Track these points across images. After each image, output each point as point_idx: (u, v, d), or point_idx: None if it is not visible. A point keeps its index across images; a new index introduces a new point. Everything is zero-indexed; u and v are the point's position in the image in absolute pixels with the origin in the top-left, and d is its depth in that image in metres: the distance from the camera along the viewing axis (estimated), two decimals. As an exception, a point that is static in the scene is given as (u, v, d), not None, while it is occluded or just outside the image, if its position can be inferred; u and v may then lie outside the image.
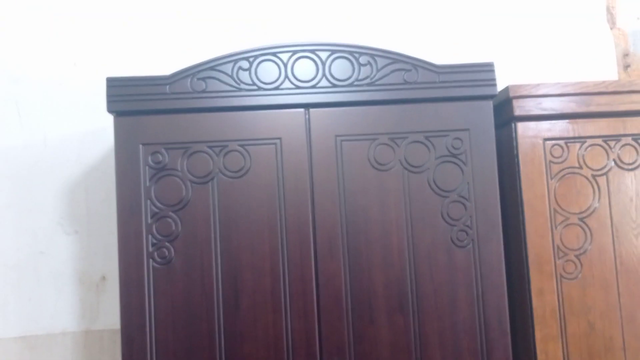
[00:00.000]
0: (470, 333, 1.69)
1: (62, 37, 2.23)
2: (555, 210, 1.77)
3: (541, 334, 1.72)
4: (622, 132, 1.80)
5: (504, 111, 1.82)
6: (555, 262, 1.75)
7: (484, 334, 1.69)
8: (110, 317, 2.13)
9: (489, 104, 1.75)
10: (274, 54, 1.74)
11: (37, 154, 2.18)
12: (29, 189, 2.16)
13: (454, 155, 1.74)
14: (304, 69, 1.73)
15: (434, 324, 1.69)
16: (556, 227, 1.77)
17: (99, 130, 2.17)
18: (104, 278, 2.15)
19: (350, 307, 1.68)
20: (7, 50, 2.21)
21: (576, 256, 1.76)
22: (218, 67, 1.72)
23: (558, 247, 1.76)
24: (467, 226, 1.71)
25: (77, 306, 2.14)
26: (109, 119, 1.71)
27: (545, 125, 1.79)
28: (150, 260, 1.66)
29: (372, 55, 1.74)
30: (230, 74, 1.72)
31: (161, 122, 1.70)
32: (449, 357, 1.68)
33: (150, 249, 1.67)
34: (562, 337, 1.72)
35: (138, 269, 1.66)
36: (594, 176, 1.79)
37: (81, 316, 2.14)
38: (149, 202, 1.68)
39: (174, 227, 1.68)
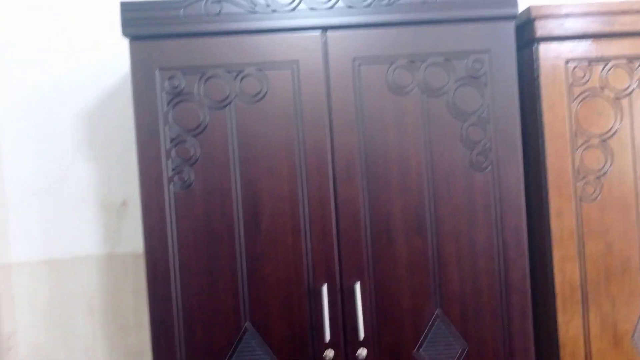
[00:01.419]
0: (488, 254, 1.71)
1: (74, -39, 2.19)
2: (575, 133, 1.76)
3: (559, 254, 1.73)
4: (646, 52, 1.76)
5: (526, 32, 1.78)
6: (574, 184, 1.75)
7: (502, 255, 1.71)
8: (133, 241, 2.17)
9: (510, 25, 1.71)
10: (289, -26, 1.70)
11: (54, 81, 2.18)
12: (47, 116, 2.18)
13: (474, 78, 1.71)
14: (321, -11, 1.70)
15: (452, 246, 1.71)
16: (576, 150, 1.76)
17: (115, 56, 2.16)
18: (124, 203, 2.18)
19: (368, 228, 1.70)
20: (18, -25, 2.18)
21: (596, 178, 1.76)
22: (233, -11, 1.69)
23: (578, 170, 1.75)
24: (487, 149, 1.70)
25: (99, 231, 2.18)
26: (125, 45, 1.69)
27: (567, 46, 1.75)
28: (171, 184, 1.68)
29: (390, -26, 1.70)
30: (245, -5, 1.69)
31: (176, 46, 1.69)
32: (467, 278, 1.71)
33: (170, 173, 1.68)
34: (579, 258, 1.74)
35: (159, 193, 1.68)
36: (616, 98, 1.76)
37: (104, 240, 2.19)
38: (167, 127, 1.69)
39: (192, 152, 1.69)
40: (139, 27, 1.68)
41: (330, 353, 1.69)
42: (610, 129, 1.76)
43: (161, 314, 1.69)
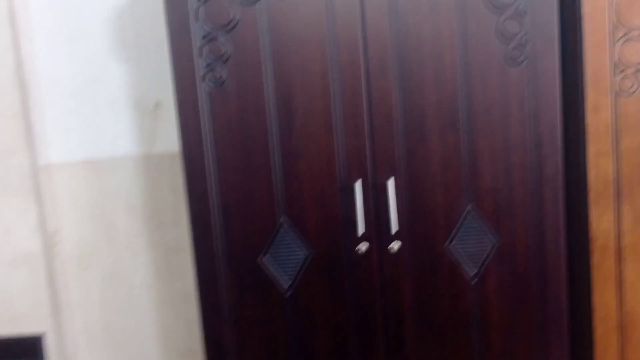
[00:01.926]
0: (521, 150, 1.70)
1: None
2: (615, 24, 1.70)
3: (594, 149, 1.72)
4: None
5: None
6: (612, 78, 1.71)
7: (536, 150, 1.70)
8: (168, 141, 2.20)
9: None
10: None
11: (82, -20, 2.16)
12: (79, 17, 2.17)
13: (512, -33, 1.65)
14: None
15: (485, 141, 1.70)
16: (616, 42, 1.70)
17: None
18: (159, 104, 2.20)
19: (401, 125, 1.70)
20: None
21: (635, 72, 1.71)
22: None
23: (616, 63, 1.71)
24: (523, 43, 1.66)
25: (135, 131, 2.22)
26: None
27: None
28: (204, 82, 1.69)
29: None
30: None
31: (205, -61, 1.65)
32: (500, 174, 1.72)
33: (203, 71, 1.68)
34: (614, 153, 1.72)
35: (192, 91, 1.68)
36: (661, -14, 1.69)
37: (140, 141, 2.22)
38: (198, 24, 1.67)
39: (224, 49, 1.68)
40: None
41: (363, 246, 1.74)
42: (653, 19, 1.70)
43: (199, 210, 1.74)
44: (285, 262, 1.76)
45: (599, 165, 1.73)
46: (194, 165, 1.72)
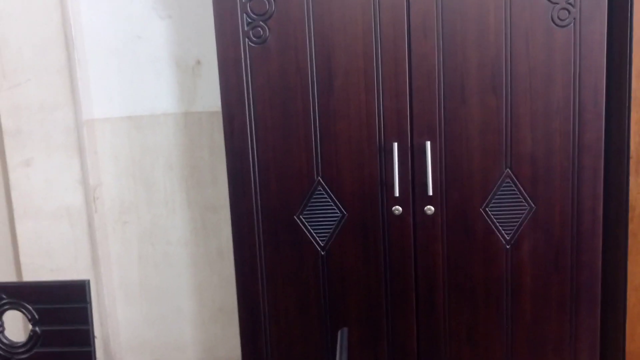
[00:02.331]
0: (563, 114, 1.68)
1: None
2: (666, -10, 1.66)
3: (637, 116, 1.69)
4: None
5: None
6: (660, 45, 1.67)
7: (578, 115, 1.68)
8: (208, 100, 2.23)
9: None
10: None
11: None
12: (121, -26, 2.19)
13: None
14: None
15: (526, 106, 1.69)
16: (665, 8, 1.67)
17: None
18: (199, 62, 2.22)
19: (442, 87, 1.69)
20: None
21: (684, 38, 1.68)
22: None
23: (665, 29, 1.67)
24: (570, 4, 1.64)
25: (175, 89, 2.24)
26: None
27: None
28: (246, 39, 1.70)
29: None
30: None
31: None
32: (540, 138, 1.70)
33: (246, 28, 1.69)
34: (658, 120, 1.70)
35: (234, 48, 1.70)
36: None
37: (180, 99, 2.25)
38: (241, -19, 1.68)
39: (267, 6, 1.68)
40: None
41: (398, 209, 1.75)
42: None
43: (238, 168, 1.76)
44: (321, 221, 1.78)
45: (642, 132, 1.71)
46: (233, 123, 1.74)
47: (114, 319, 2.41)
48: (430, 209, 1.75)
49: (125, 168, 2.31)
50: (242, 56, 1.70)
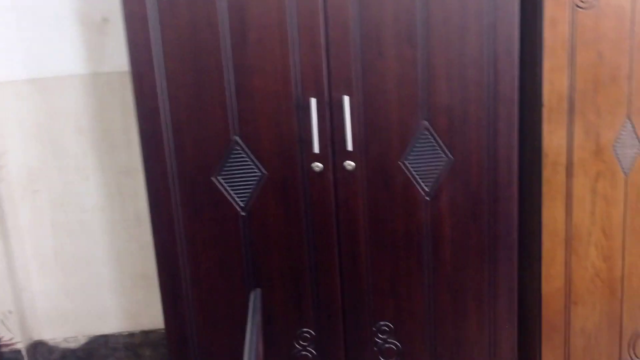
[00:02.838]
0: (478, 65, 1.69)
1: None
2: (574, -62, 1.67)
3: (549, 64, 1.72)
4: None
5: None
6: (570, -8, 1.70)
7: (493, 65, 1.69)
8: (117, 59, 2.12)
9: None
10: None
11: None
12: None
13: None
14: None
15: (442, 56, 1.68)
16: (574, -44, 1.68)
17: None
18: (106, 20, 2.10)
19: (358, 40, 1.66)
20: None
21: (593, -16, 1.70)
22: None
23: (574, -23, 1.69)
24: (482, -47, 1.63)
25: (81, 49, 2.12)
26: None
27: None
28: (152, -7, 1.61)
29: None
30: None
31: None
32: (456, 89, 1.71)
33: (151, -19, 1.60)
34: (569, 68, 1.73)
35: (140, 3, 1.60)
36: None
37: (87, 59, 2.13)
38: None
39: (173, -42, 1.60)
40: None
41: (318, 165, 1.73)
42: None
43: (150, 129, 1.69)
44: (239, 181, 1.73)
45: (554, 80, 1.73)
46: (143, 83, 1.66)
47: (29, 292, 2.31)
48: (350, 164, 1.73)
49: (31, 134, 2.19)
50: (149, 10, 1.61)
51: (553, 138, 1.77)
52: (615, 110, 1.76)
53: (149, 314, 2.35)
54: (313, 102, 1.67)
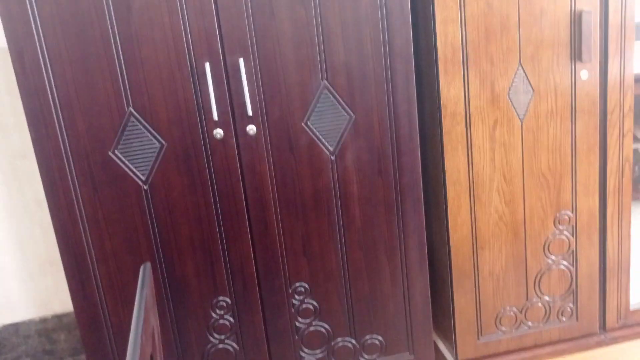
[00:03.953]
0: (372, 22, 1.68)
1: None
2: None
3: (441, 17, 1.73)
4: None
5: None
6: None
7: (386, 21, 1.69)
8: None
9: None
10: None
11: None
12: None
13: None
14: None
15: (336, 16, 1.66)
16: None
17: None
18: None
19: (249, 2, 1.62)
20: None
21: None
22: None
23: None
24: None
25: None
26: None
27: None
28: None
29: None
30: None
31: None
32: (352, 47, 1.70)
33: (20, -51, 1.50)
34: (461, 19, 1.74)
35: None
36: None
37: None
38: None
39: None
40: None
41: (220, 132, 1.69)
42: None
43: (37, 108, 1.60)
44: (138, 154, 1.68)
45: (447, 32, 1.75)
46: (24, 60, 1.56)
47: None
48: (252, 128, 1.71)
49: None
50: (22, -18, 1.51)
51: (450, 89, 1.80)
52: (507, 58, 1.80)
53: (60, 299, 2.28)
54: (207, 67, 1.63)
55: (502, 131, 1.87)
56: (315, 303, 1.90)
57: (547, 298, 2.07)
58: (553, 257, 2.03)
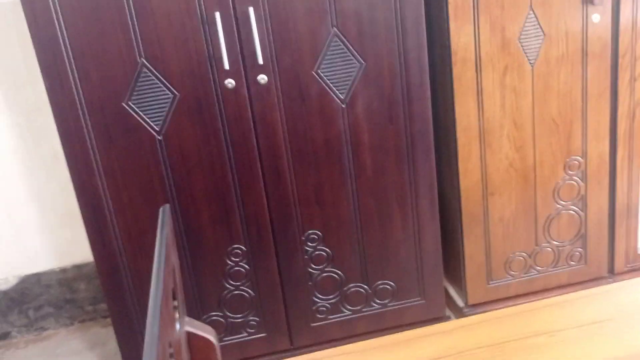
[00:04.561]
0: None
1: None
2: None
3: (449, -40, 1.72)
4: None
5: None
6: None
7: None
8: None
9: None
10: None
11: None
12: None
13: None
14: None
15: (343, -40, 1.66)
16: None
17: None
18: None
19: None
20: None
21: None
22: None
23: None
24: None
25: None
26: None
27: None
28: None
29: None
30: None
31: None
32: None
33: None
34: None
35: None
36: None
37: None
38: None
39: None
40: None
41: (231, 82, 1.71)
42: None
43: (51, 60, 1.62)
44: (152, 105, 1.70)
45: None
46: (36, 11, 1.57)
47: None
48: (263, 77, 1.72)
49: None
50: None
51: (460, 35, 1.80)
52: (518, 2, 1.79)
53: (80, 249, 2.33)
54: (217, 16, 1.64)
55: (513, 77, 1.87)
56: (328, 250, 1.94)
57: (556, 243, 2.09)
58: (562, 202, 2.05)
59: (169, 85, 1.69)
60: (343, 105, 1.79)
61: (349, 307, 2.01)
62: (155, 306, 0.73)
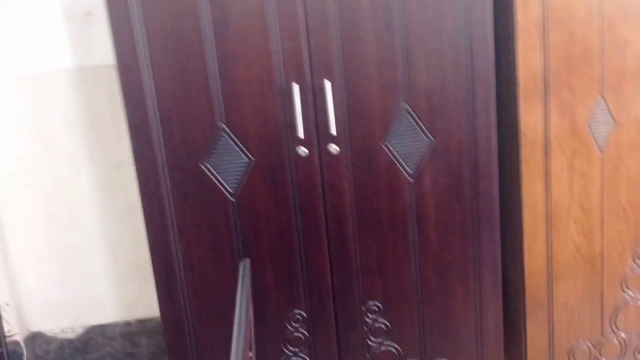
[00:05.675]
0: (454, 47, 1.74)
1: None
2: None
3: (523, 44, 1.76)
4: None
5: None
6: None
7: (468, 47, 1.74)
8: (102, 52, 2.15)
9: None
10: None
11: None
12: None
13: None
14: None
15: (419, 40, 1.73)
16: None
17: None
18: (89, 13, 2.13)
19: (338, 26, 1.70)
20: None
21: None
22: None
23: (546, -40, 1.74)
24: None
25: (67, 43, 2.15)
26: None
27: None
28: (135, -17, 1.65)
29: None
30: None
31: None
32: (433, 72, 1.75)
33: (133, -29, 1.64)
34: (542, 48, 1.77)
35: (125, -6, 1.64)
36: None
37: (72, 53, 2.16)
38: None
39: (155, -50, 1.63)
40: None
41: (304, 150, 1.77)
42: None
43: (138, 120, 1.73)
44: (228, 168, 1.78)
45: (528, 60, 1.78)
46: (129, 74, 1.70)
47: (25, 285, 2.35)
48: (334, 148, 1.78)
49: (21, 129, 2.22)
50: (132, 3, 1.65)
51: (530, 117, 1.82)
52: (588, 88, 1.81)
53: (144, 303, 2.40)
54: (295, 87, 1.72)
55: (581, 161, 1.87)
56: (387, 322, 1.94)
57: (623, 335, 2.03)
58: (631, 293, 1.99)
59: (245, 150, 1.77)
60: (410, 179, 1.83)
61: (405, 382, 1.99)
62: (237, 355, 0.76)
